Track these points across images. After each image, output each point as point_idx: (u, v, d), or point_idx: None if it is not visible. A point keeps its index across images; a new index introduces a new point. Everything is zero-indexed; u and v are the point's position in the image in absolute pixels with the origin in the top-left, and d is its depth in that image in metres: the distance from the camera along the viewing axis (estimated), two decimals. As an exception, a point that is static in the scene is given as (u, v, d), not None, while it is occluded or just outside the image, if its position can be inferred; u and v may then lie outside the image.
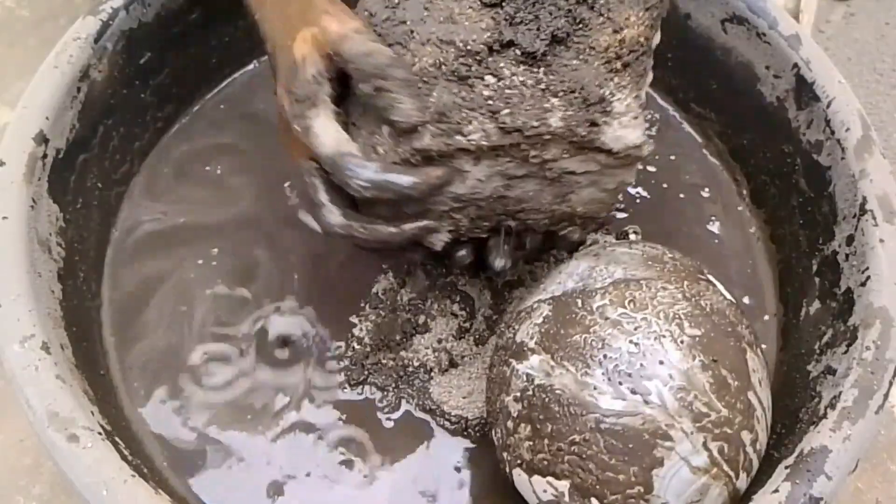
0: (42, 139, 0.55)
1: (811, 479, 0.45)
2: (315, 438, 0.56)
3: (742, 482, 0.47)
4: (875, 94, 1.01)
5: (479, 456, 0.56)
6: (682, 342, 0.46)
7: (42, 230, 0.54)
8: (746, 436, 0.46)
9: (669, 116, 0.74)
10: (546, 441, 0.46)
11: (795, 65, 0.63)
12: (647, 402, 0.45)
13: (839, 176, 0.58)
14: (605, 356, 0.46)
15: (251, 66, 0.74)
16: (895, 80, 1.02)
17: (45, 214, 0.55)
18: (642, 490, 0.45)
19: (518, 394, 0.48)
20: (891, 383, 0.49)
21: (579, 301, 0.48)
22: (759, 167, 0.69)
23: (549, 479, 0.47)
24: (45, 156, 0.55)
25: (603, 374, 0.45)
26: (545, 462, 0.47)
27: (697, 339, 0.46)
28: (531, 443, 0.47)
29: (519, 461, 0.48)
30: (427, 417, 0.57)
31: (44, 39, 0.93)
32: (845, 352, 0.51)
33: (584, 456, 0.45)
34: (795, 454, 0.47)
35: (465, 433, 0.57)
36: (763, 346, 0.61)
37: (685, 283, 0.49)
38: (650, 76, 0.52)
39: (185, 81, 0.70)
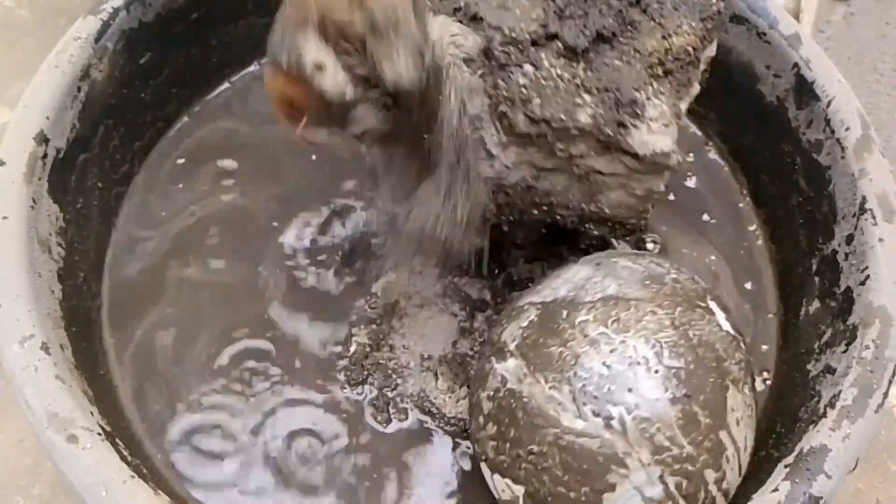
0: (42, 139, 0.55)
1: (811, 478, 0.45)
2: (315, 440, 0.56)
3: None
4: (875, 93, 1.01)
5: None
6: (656, 372, 0.45)
7: (42, 230, 0.54)
8: (710, 474, 0.45)
9: (669, 116, 0.74)
10: (508, 445, 0.47)
11: (795, 64, 0.63)
12: (607, 427, 0.44)
13: (839, 175, 0.58)
14: (575, 374, 0.45)
15: (252, 67, 0.74)
16: (895, 79, 1.02)
17: (46, 214, 0.55)
18: None
19: (491, 393, 0.49)
20: (890, 382, 0.49)
21: (564, 312, 0.48)
22: (759, 166, 0.69)
23: (508, 481, 0.47)
24: (45, 155, 0.55)
25: (570, 391, 0.45)
26: (505, 465, 0.47)
27: (674, 371, 0.45)
28: (495, 443, 0.48)
29: (484, 457, 0.49)
30: (426, 419, 0.57)
31: (43, 39, 0.93)
32: (845, 351, 0.51)
33: (539, 467, 0.45)
34: (795, 453, 0.47)
35: (465, 434, 0.57)
36: (762, 362, 0.62)
37: (678, 309, 0.48)
38: (696, 89, 0.51)
39: (186, 81, 0.70)
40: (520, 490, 0.47)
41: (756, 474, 0.49)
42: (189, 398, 0.57)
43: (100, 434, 0.46)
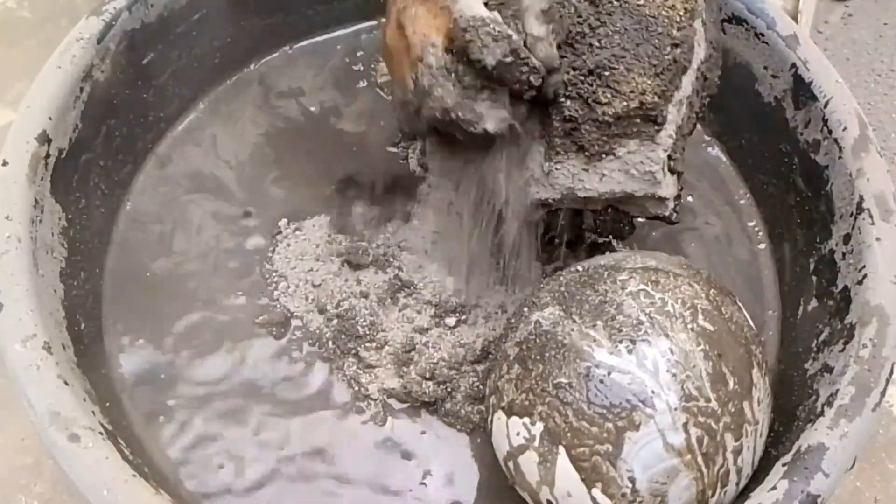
0: (45, 139, 0.55)
1: (808, 476, 0.45)
2: (317, 433, 0.57)
3: (715, 493, 0.47)
4: (873, 94, 1.02)
5: (480, 459, 0.56)
6: (692, 329, 0.47)
7: (44, 230, 0.54)
8: (730, 439, 0.46)
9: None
10: (533, 381, 0.47)
11: (793, 65, 0.63)
12: (640, 365, 0.45)
13: (836, 175, 0.58)
14: (613, 317, 0.47)
15: (253, 66, 0.74)
16: (893, 80, 1.03)
17: (48, 214, 0.55)
18: (611, 449, 0.45)
19: (521, 338, 0.49)
20: (887, 381, 0.49)
21: (605, 273, 0.50)
22: (757, 166, 0.69)
23: (525, 420, 0.47)
24: (47, 156, 0.56)
25: (606, 329, 0.46)
26: (527, 402, 0.47)
27: (708, 332, 0.47)
28: (518, 383, 0.48)
29: (502, 403, 0.49)
30: (433, 418, 0.58)
31: (45, 40, 0.93)
32: (842, 350, 0.52)
33: (564, 400, 0.46)
34: (793, 452, 0.47)
35: (468, 433, 0.57)
36: (763, 340, 0.62)
37: (712, 290, 0.50)
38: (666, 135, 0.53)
39: (188, 82, 0.70)
40: (538, 428, 0.47)
41: (754, 473, 0.49)
42: (190, 397, 0.58)
43: (101, 433, 0.46)
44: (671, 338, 0.46)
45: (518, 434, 0.48)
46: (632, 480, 0.45)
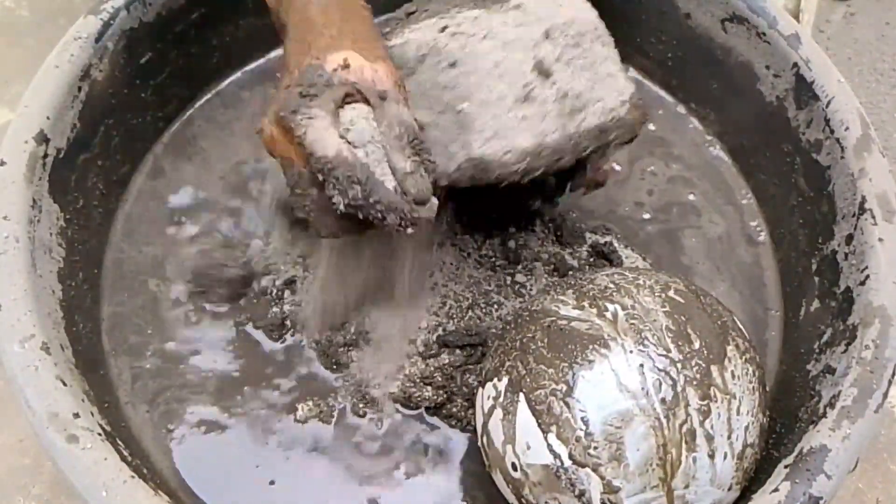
0: (43, 139, 0.55)
1: (811, 478, 0.45)
2: (317, 434, 0.56)
3: (681, 456, 0.44)
4: (875, 93, 1.02)
5: (481, 461, 0.56)
6: (658, 296, 0.48)
7: (42, 230, 0.54)
8: (693, 395, 0.45)
9: (670, 116, 0.74)
10: (505, 344, 0.50)
11: (795, 64, 0.63)
12: (600, 316, 0.47)
13: (838, 175, 0.58)
14: (583, 286, 0.49)
15: (252, 66, 0.74)
16: (895, 79, 1.02)
17: (46, 214, 0.55)
18: (565, 389, 0.45)
19: (508, 320, 0.52)
20: (890, 382, 0.49)
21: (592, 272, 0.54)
22: (759, 166, 0.69)
23: (494, 381, 0.49)
24: (45, 155, 0.55)
25: (574, 294, 0.49)
26: (497, 364, 0.49)
27: (676, 303, 0.48)
28: (494, 352, 0.51)
29: (481, 378, 0.51)
30: (434, 420, 0.57)
31: (43, 40, 0.93)
32: (844, 351, 0.51)
33: (527, 350, 0.47)
34: (795, 453, 0.47)
35: (470, 435, 0.57)
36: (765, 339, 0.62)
37: (696, 287, 0.50)
38: None
39: (186, 81, 0.70)
40: (503, 384, 0.48)
41: (756, 474, 0.49)
42: (188, 397, 0.57)
43: (100, 434, 0.46)
44: (635, 298, 0.47)
45: (489, 398, 0.49)
46: (585, 422, 0.44)
